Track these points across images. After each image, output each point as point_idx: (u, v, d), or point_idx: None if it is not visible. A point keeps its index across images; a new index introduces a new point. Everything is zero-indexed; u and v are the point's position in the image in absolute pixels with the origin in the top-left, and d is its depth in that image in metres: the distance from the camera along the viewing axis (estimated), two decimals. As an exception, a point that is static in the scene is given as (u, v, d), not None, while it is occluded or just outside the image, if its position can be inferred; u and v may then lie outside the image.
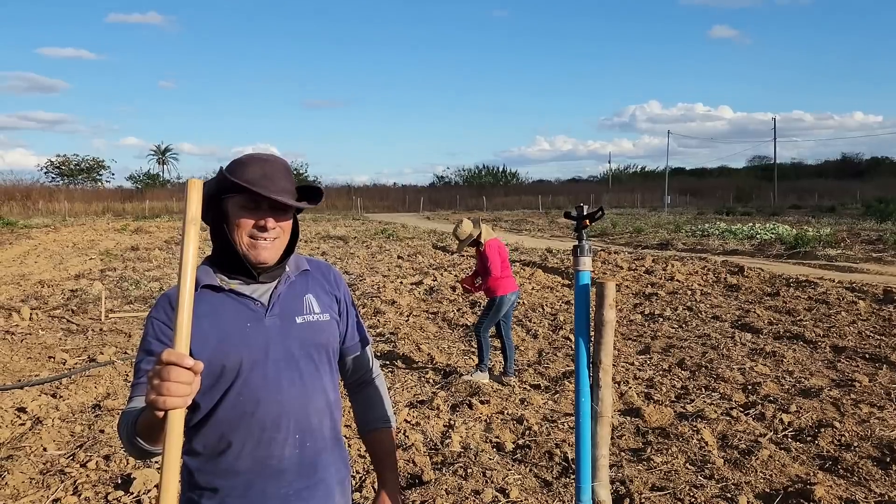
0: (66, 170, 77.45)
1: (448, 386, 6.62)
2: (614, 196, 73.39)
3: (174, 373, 1.23)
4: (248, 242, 1.66)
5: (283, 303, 1.72)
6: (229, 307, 1.68)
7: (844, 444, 4.92)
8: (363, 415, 1.95)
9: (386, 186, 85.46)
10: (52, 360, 7.69)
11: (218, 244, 1.72)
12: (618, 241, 24.58)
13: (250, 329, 1.66)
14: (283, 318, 1.71)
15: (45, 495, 4.25)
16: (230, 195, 1.66)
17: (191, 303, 1.28)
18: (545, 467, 4.67)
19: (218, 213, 1.69)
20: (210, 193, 1.67)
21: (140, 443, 1.43)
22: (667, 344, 8.28)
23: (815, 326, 8.89)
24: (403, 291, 12.51)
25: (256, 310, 1.69)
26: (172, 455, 1.26)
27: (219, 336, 1.62)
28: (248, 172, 1.64)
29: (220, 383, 1.62)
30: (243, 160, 1.68)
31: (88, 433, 5.35)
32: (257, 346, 1.65)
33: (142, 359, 1.62)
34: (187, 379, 1.24)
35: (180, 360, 1.23)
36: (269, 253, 1.68)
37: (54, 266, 17.04)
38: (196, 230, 1.32)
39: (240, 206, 1.66)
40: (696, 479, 4.40)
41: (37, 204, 53.39)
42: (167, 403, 1.23)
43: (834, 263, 16.07)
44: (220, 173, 1.66)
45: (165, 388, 1.22)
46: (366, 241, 24.26)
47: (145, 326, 1.66)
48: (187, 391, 1.24)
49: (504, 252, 7.01)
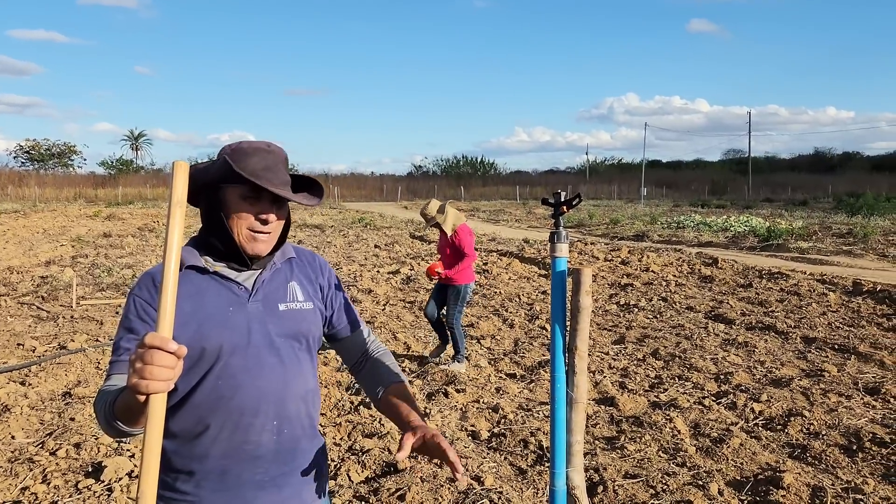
0: (36, 154, 75.77)
1: (424, 375, 6.62)
2: (591, 187, 73.80)
3: (157, 357, 1.20)
4: (246, 235, 1.64)
5: (266, 289, 1.71)
6: (213, 290, 1.65)
7: (813, 433, 5.01)
8: (374, 380, 1.87)
9: (363, 175, 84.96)
10: (21, 348, 7.55)
11: (210, 231, 1.69)
12: (594, 233, 24.73)
13: (232, 313, 1.64)
14: (266, 305, 1.70)
15: (14, 483, 4.18)
16: (230, 184, 1.63)
17: (175, 286, 1.26)
18: (520, 455, 4.69)
19: (214, 200, 1.66)
20: (207, 180, 1.65)
21: (118, 424, 1.41)
22: (641, 334, 8.36)
23: (786, 318, 9.04)
24: (380, 280, 12.47)
25: (240, 294, 1.67)
26: (153, 439, 1.24)
27: (200, 318, 1.60)
28: (252, 163, 1.61)
29: (200, 366, 1.60)
30: (245, 149, 1.64)
31: (58, 421, 5.27)
32: (239, 330, 1.64)
33: (122, 336, 1.59)
34: (170, 363, 1.21)
35: (164, 345, 1.20)
36: (266, 245, 1.68)
37: (24, 252, 16.71)
38: (182, 213, 1.29)
39: (240, 197, 1.63)
40: (668, 466, 4.46)
41: (6, 189, 52.29)
42: (149, 388, 1.20)
43: (806, 256, 16.33)
44: (220, 160, 1.62)
45: (148, 371, 1.20)
46: (343, 230, 24.14)
47: (126, 304, 1.63)
48: (170, 375, 1.22)
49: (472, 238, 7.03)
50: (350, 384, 6.17)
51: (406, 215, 34.70)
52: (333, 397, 5.79)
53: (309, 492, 1.76)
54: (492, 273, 13.31)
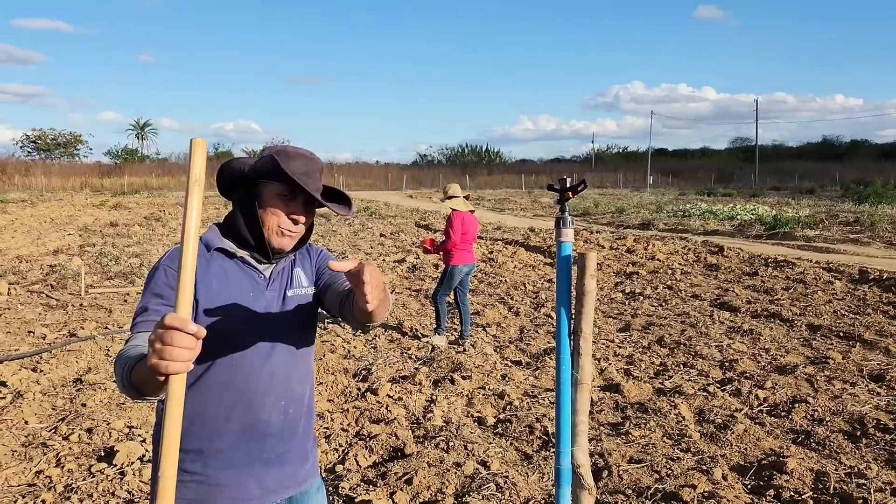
0: (42, 144, 75.98)
1: (430, 362, 6.67)
2: (597, 176, 73.55)
3: (177, 338, 1.23)
4: (277, 230, 1.74)
5: (280, 277, 1.82)
6: (237, 274, 1.75)
7: (817, 419, 5.05)
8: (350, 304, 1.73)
9: (368, 164, 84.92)
10: (31, 335, 7.63)
11: (241, 220, 1.77)
12: (600, 221, 24.71)
13: (252, 299, 1.73)
14: (280, 292, 1.80)
15: (28, 467, 4.25)
16: (270, 182, 1.72)
17: (193, 266, 1.28)
18: (526, 441, 4.74)
19: (251, 193, 1.75)
20: (246, 173, 1.74)
21: (135, 392, 1.45)
22: (647, 322, 8.39)
23: (791, 305, 9.05)
24: (386, 269, 12.52)
25: (260, 282, 1.77)
26: (174, 418, 1.27)
27: (225, 299, 1.69)
28: (294, 165, 1.71)
29: (216, 347, 1.67)
30: (289, 152, 1.74)
31: (70, 407, 5.34)
32: (256, 315, 1.72)
33: (149, 300, 1.63)
34: (189, 344, 1.24)
35: (184, 326, 1.23)
36: (290, 242, 1.78)
37: (32, 241, 16.82)
38: (200, 191, 1.30)
39: (276, 194, 1.73)
40: (672, 452, 4.50)
41: (13, 179, 52.47)
42: (169, 368, 1.23)
43: (812, 244, 16.30)
44: (267, 158, 1.71)
45: (168, 352, 1.23)
46: (348, 219, 24.17)
47: (155, 272, 1.67)
48: (189, 356, 1.25)
49: (468, 227, 7.39)
50: (357, 371, 6.23)
51: (411, 204, 34.71)
52: (340, 384, 5.85)
53: (307, 467, 1.86)
54: (497, 261, 13.34)
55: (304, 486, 1.83)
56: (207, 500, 1.68)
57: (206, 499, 1.68)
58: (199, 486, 1.68)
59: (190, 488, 1.68)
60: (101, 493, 3.92)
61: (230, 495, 1.69)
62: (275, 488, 1.76)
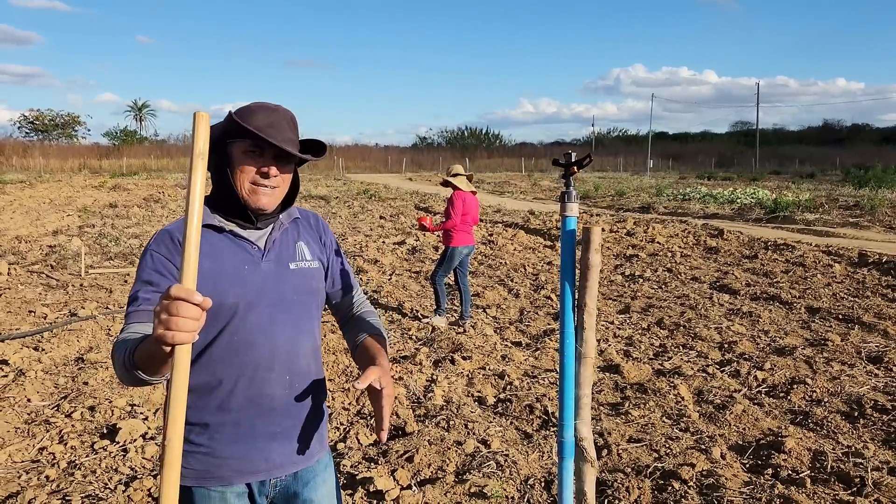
0: (40, 125, 75.62)
1: (430, 342, 6.70)
2: (597, 159, 73.25)
3: (183, 308, 1.23)
4: (248, 188, 1.69)
5: (278, 248, 1.77)
6: (228, 248, 1.71)
7: (815, 400, 5.08)
8: (353, 334, 1.94)
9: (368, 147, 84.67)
10: (32, 315, 7.64)
11: (218, 187, 1.74)
12: (600, 204, 24.69)
13: (248, 271, 1.70)
14: (278, 264, 1.76)
15: (32, 444, 4.28)
16: (235, 140, 1.68)
17: (198, 238, 1.28)
18: (525, 420, 4.77)
19: (221, 156, 1.71)
20: (215, 137, 1.69)
21: (138, 373, 1.44)
22: (646, 304, 8.41)
23: (791, 288, 9.07)
24: (386, 251, 12.52)
25: (253, 253, 1.73)
26: (179, 388, 1.27)
27: (217, 275, 1.65)
28: (256, 119, 1.65)
29: (217, 322, 1.66)
30: (251, 107, 1.69)
31: (72, 385, 5.36)
32: (254, 288, 1.70)
33: (139, 288, 1.63)
34: (195, 315, 1.25)
35: (189, 296, 1.23)
36: (269, 199, 1.71)
37: (31, 222, 16.80)
38: (204, 165, 1.30)
39: (244, 152, 1.68)
40: (671, 431, 4.53)
41: (10, 159, 52.32)
42: (175, 338, 1.23)
43: (812, 228, 16.30)
44: (227, 117, 1.67)
45: (174, 322, 1.23)
46: (347, 202, 24.14)
47: (143, 258, 1.67)
48: (195, 327, 1.25)
49: (469, 208, 7.39)
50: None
51: (411, 186, 34.65)
52: (342, 363, 5.87)
53: (315, 442, 1.84)
54: (497, 244, 13.34)
55: (311, 462, 1.83)
56: (214, 471, 1.69)
57: (213, 470, 1.69)
58: (206, 458, 1.69)
59: (197, 459, 1.69)
60: (104, 470, 3.95)
61: (236, 468, 1.70)
62: (281, 463, 1.76)
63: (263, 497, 1.77)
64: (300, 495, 1.80)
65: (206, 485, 1.70)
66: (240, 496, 1.73)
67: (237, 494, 1.72)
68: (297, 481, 1.80)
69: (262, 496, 1.76)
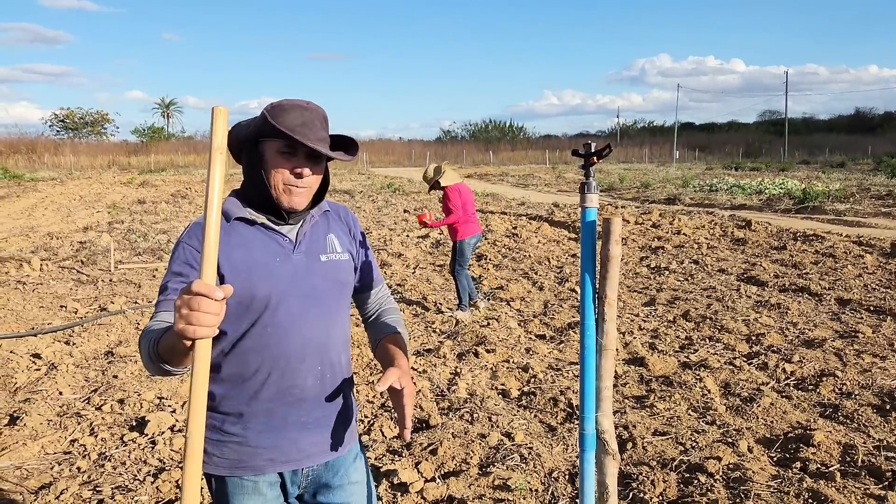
0: (70, 123, 77.05)
1: (454, 336, 6.70)
2: (622, 151, 72.73)
3: (203, 304, 1.25)
4: (282, 188, 1.70)
5: (308, 241, 1.79)
6: (260, 241, 1.73)
7: (846, 393, 4.99)
8: (377, 329, 1.98)
9: (391, 141, 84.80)
10: (63, 309, 7.80)
11: (251, 183, 1.75)
12: (625, 196, 24.48)
13: (279, 264, 1.72)
14: (309, 256, 1.77)
15: (63, 436, 4.37)
16: (268, 139, 1.69)
17: (217, 234, 1.29)
18: (550, 413, 4.76)
19: (254, 155, 1.72)
20: (248, 135, 1.71)
21: (163, 366, 1.47)
22: (672, 296, 8.33)
23: (820, 279, 8.91)
24: (410, 244, 12.55)
25: (285, 246, 1.75)
26: (200, 381, 1.29)
27: (249, 267, 1.68)
28: (289, 119, 1.65)
29: (249, 314, 1.68)
30: (284, 105, 1.69)
31: (102, 378, 5.46)
32: (285, 280, 1.71)
33: (169, 279, 1.66)
34: (216, 310, 1.27)
35: (210, 293, 1.25)
36: (302, 199, 1.73)
37: (62, 218, 17.12)
38: (223, 159, 1.31)
39: (277, 152, 1.68)
40: (697, 424, 4.49)
41: (42, 157, 53.31)
42: (196, 333, 1.26)
43: (842, 218, 16.00)
44: (260, 116, 1.68)
45: (195, 318, 1.25)
46: (371, 196, 24.23)
47: (175, 250, 1.69)
48: (215, 321, 1.27)
49: (467, 196, 7.49)
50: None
51: (435, 180, 34.56)
52: (366, 357, 5.90)
53: (345, 433, 1.86)
54: (521, 237, 13.30)
55: (343, 452, 1.85)
56: (247, 460, 1.72)
57: (247, 459, 1.72)
58: (240, 447, 1.72)
59: (231, 449, 1.72)
60: (133, 461, 4.02)
61: (268, 457, 1.73)
62: (312, 453, 1.78)
63: (295, 486, 1.80)
64: (331, 484, 1.83)
65: (240, 474, 1.72)
66: (272, 485, 1.76)
67: (269, 484, 1.75)
68: (328, 470, 1.83)
69: (294, 485, 1.79)
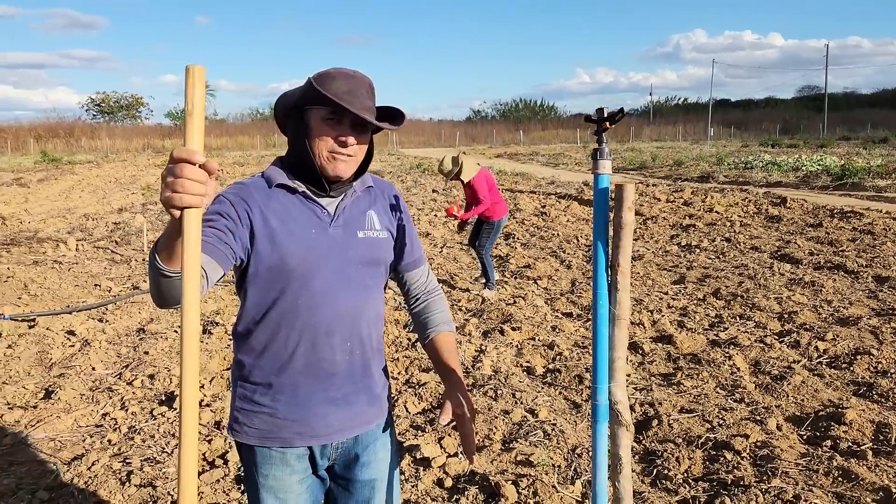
0: (106, 107, 78.32)
1: (480, 314, 6.69)
2: (655, 129, 71.53)
3: (186, 169, 1.19)
4: (326, 156, 1.67)
5: (347, 215, 1.76)
6: (298, 210, 1.71)
7: (881, 371, 4.87)
8: (424, 323, 1.96)
9: (421, 121, 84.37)
10: (98, 288, 7.96)
11: (295, 151, 1.73)
12: (657, 174, 24.11)
13: (315, 235, 1.70)
14: (346, 230, 1.75)
15: (95, 409, 4.47)
16: (313, 107, 1.67)
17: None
18: (574, 390, 4.73)
19: (299, 122, 1.70)
20: (293, 102, 1.70)
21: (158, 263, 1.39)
22: (702, 274, 8.20)
23: (857, 257, 8.69)
24: (438, 224, 12.55)
25: (323, 218, 1.72)
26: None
27: (285, 234, 1.66)
28: (335, 86, 1.63)
29: (279, 282, 1.67)
30: (331, 73, 1.66)
31: (133, 354, 5.57)
32: (320, 252, 1.69)
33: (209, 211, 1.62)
34: (200, 177, 1.20)
35: (190, 157, 1.19)
36: (346, 167, 1.70)
37: (98, 200, 17.46)
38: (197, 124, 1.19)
39: (322, 119, 1.66)
40: (725, 402, 4.42)
41: (79, 141, 54.39)
42: (182, 200, 1.19)
43: (883, 195, 15.54)
44: (306, 83, 1.66)
45: (179, 184, 1.18)
46: (401, 176, 24.23)
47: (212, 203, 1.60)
48: (201, 189, 1.21)
49: (491, 181, 7.53)
50: (408, 322, 6.30)
51: (464, 160, 34.44)
52: (392, 334, 5.93)
53: (375, 410, 1.85)
54: (550, 215, 13.19)
55: (371, 427, 1.84)
56: (276, 431, 1.72)
57: (275, 430, 1.72)
58: (270, 419, 1.72)
59: (261, 419, 1.72)
60: (162, 434, 4.10)
61: (297, 430, 1.72)
62: (340, 427, 1.77)
63: (325, 459, 1.79)
64: (360, 458, 1.83)
65: (269, 444, 1.72)
66: (300, 458, 1.75)
67: (297, 456, 1.75)
68: (357, 444, 1.82)
69: (323, 458, 1.79)
